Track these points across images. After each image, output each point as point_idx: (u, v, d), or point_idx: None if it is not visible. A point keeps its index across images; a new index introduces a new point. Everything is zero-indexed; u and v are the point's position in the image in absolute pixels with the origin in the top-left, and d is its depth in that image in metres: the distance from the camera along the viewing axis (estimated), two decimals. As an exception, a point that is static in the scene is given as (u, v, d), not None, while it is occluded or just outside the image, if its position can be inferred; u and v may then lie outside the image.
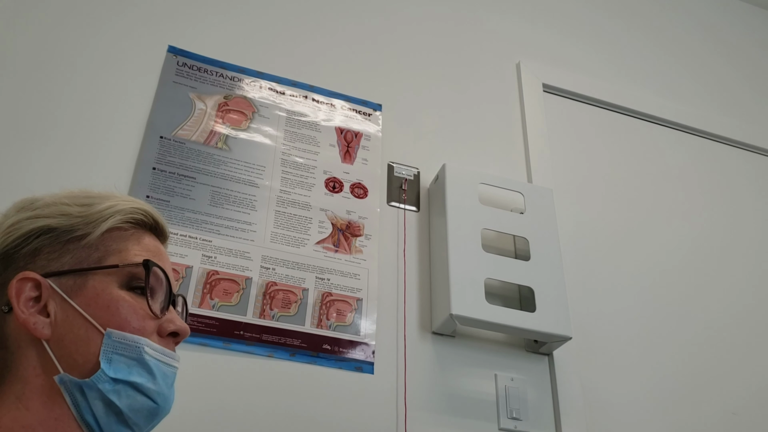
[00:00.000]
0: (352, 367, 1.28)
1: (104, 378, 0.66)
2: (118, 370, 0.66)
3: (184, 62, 1.49)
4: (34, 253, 0.70)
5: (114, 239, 0.73)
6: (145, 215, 0.77)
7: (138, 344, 0.68)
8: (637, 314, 1.62)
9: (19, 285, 0.68)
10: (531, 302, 1.38)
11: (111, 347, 0.67)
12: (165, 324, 0.72)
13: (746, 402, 1.60)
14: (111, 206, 0.74)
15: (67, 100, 1.35)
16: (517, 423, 1.33)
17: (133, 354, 0.68)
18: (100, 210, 0.73)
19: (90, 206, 0.73)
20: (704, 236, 1.84)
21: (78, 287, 0.69)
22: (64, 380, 0.66)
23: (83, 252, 0.71)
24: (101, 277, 0.70)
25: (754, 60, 2.35)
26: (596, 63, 2.03)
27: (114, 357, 0.67)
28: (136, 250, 0.73)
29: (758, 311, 1.77)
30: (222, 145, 1.42)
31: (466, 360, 1.37)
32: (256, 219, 1.36)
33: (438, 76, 1.76)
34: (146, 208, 0.77)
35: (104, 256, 0.71)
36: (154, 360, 0.69)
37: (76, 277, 0.70)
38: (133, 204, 0.76)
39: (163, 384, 0.70)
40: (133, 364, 0.68)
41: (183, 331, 0.74)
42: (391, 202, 1.52)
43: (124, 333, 0.68)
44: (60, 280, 0.69)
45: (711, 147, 2.04)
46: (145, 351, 0.68)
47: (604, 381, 1.49)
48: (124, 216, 0.74)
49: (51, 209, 0.72)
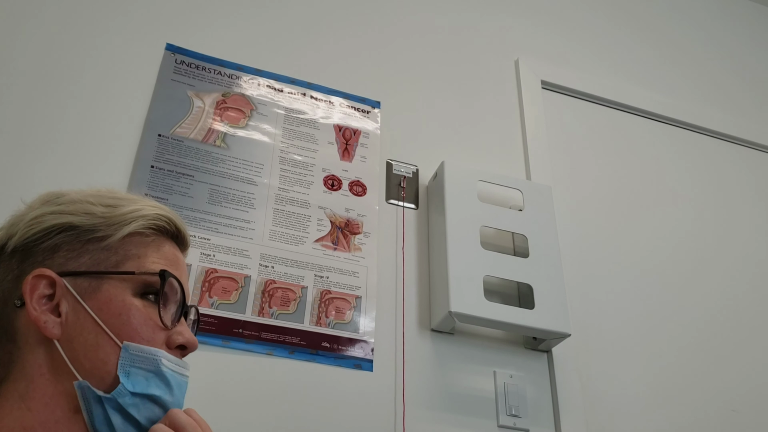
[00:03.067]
0: (351, 365, 1.28)
1: (124, 392, 0.65)
2: (136, 384, 0.66)
3: (182, 60, 1.49)
4: (53, 249, 0.70)
5: (134, 244, 0.72)
6: (168, 223, 0.76)
7: (156, 357, 0.68)
8: (636, 311, 1.62)
9: (34, 281, 0.68)
10: (530, 299, 1.38)
11: (129, 360, 0.66)
12: (174, 336, 0.71)
13: (746, 398, 1.60)
14: (135, 210, 0.73)
15: (65, 98, 1.35)
16: (516, 420, 1.33)
17: (151, 367, 0.67)
18: (124, 213, 0.72)
19: (115, 207, 0.73)
20: (702, 232, 1.84)
21: (92, 290, 0.68)
22: (83, 387, 0.65)
23: (102, 254, 0.70)
24: (116, 282, 0.69)
25: (749, 56, 2.35)
26: (594, 60, 2.03)
27: (132, 370, 0.66)
28: (154, 257, 0.73)
29: (756, 308, 1.77)
30: (220, 143, 1.41)
31: (465, 357, 1.38)
32: (255, 217, 1.36)
33: (436, 74, 1.76)
34: (170, 216, 0.77)
35: (122, 260, 0.71)
36: (171, 372, 0.69)
37: (91, 279, 0.69)
38: (157, 210, 0.75)
39: (179, 394, 0.70)
40: (150, 377, 0.67)
41: (191, 344, 0.73)
42: (390, 199, 1.52)
43: (140, 345, 0.67)
44: (75, 281, 0.69)
45: (709, 143, 2.04)
46: (163, 363, 0.68)
47: (603, 377, 1.50)
48: (146, 221, 0.73)
49: (76, 206, 0.72)
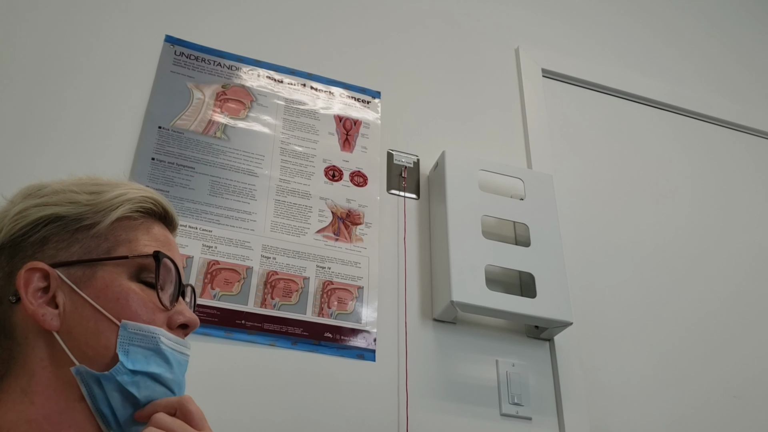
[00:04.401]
0: (354, 355, 1.29)
1: (123, 370, 0.65)
2: (136, 362, 0.66)
3: (181, 52, 1.48)
4: (42, 241, 0.69)
5: (123, 229, 0.72)
6: (155, 204, 0.76)
7: (154, 334, 0.68)
8: (638, 299, 1.62)
9: (28, 275, 0.67)
10: (531, 288, 1.38)
11: (127, 339, 0.66)
12: (174, 316, 0.71)
13: (747, 385, 1.61)
14: (120, 195, 0.73)
15: (65, 91, 1.35)
16: (519, 408, 1.33)
17: (150, 344, 0.67)
18: (110, 198, 0.72)
19: (99, 194, 0.72)
20: (705, 220, 1.83)
21: (87, 278, 0.68)
22: (81, 371, 0.65)
23: (92, 242, 0.70)
24: (111, 268, 0.69)
25: (752, 43, 2.34)
26: (595, 48, 2.02)
27: (131, 348, 0.66)
28: (145, 240, 0.72)
29: (758, 296, 1.77)
30: (221, 135, 1.41)
31: (467, 346, 1.38)
32: (256, 208, 1.36)
33: (437, 63, 1.76)
34: (156, 197, 0.76)
35: (113, 246, 0.70)
36: (170, 350, 0.69)
37: (85, 267, 0.69)
38: (142, 192, 0.75)
39: (179, 372, 0.70)
40: (150, 355, 0.67)
41: (192, 322, 0.73)
42: (391, 189, 1.51)
43: (138, 324, 0.67)
44: (69, 271, 0.68)
45: (711, 131, 2.04)
46: (162, 341, 0.68)
47: (605, 366, 1.50)
48: (133, 205, 0.73)
49: (59, 197, 0.71)
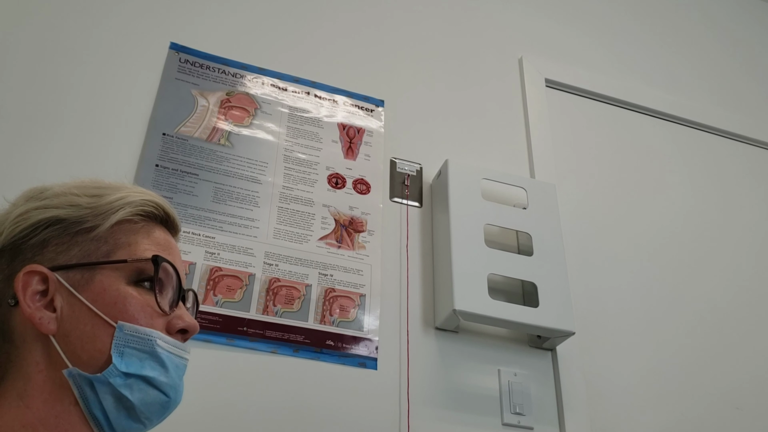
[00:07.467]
0: (356, 363, 1.28)
1: (116, 372, 0.64)
2: (130, 364, 0.65)
3: (186, 59, 1.49)
4: (42, 244, 0.69)
5: (123, 232, 0.71)
6: (156, 208, 0.75)
7: (150, 337, 0.67)
8: (641, 309, 1.62)
9: (26, 278, 0.67)
10: (534, 297, 1.38)
11: (123, 340, 0.66)
12: (174, 321, 0.71)
13: (750, 396, 1.60)
14: (121, 198, 0.72)
15: (69, 97, 1.35)
16: (521, 418, 1.33)
17: (146, 347, 0.67)
18: (110, 201, 0.71)
19: (100, 197, 0.72)
20: (708, 232, 1.83)
21: (86, 281, 0.68)
22: (73, 374, 0.65)
23: (92, 245, 0.69)
24: (109, 271, 0.69)
25: (756, 53, 2.34)
26: (599, 58, 2.03)
27: (126, 350, 0.66)
28: (145, 244, 0.72)
29: (759, 307, 1.76)
30: (224, 142, 1.42)
31: (469, 355, 1.38)
32: (259, 215, 1.36)
33: (440, 72, 1.76)
34: (157, 201, 0.76)
35: (113, 249, 0.70)
36: (167, 353, 0.68)
37: (83, 271, 0.68)
38: (143, 196, 0.74)
39: (175, 376, 0.69)
40: (145, 358, 0.66)
41: (192, 327, 0.72)
42: (394, 197, 1.52)
43: (136, 326, 0.66)
44: (67, 274, 0.68)
45: (715, 142, 2.03)
46: (158, 344, 0.67)
47: (608, 376, 1.49)
48: (134, 208, 0.72)
49: (60, 199, 0.71)
